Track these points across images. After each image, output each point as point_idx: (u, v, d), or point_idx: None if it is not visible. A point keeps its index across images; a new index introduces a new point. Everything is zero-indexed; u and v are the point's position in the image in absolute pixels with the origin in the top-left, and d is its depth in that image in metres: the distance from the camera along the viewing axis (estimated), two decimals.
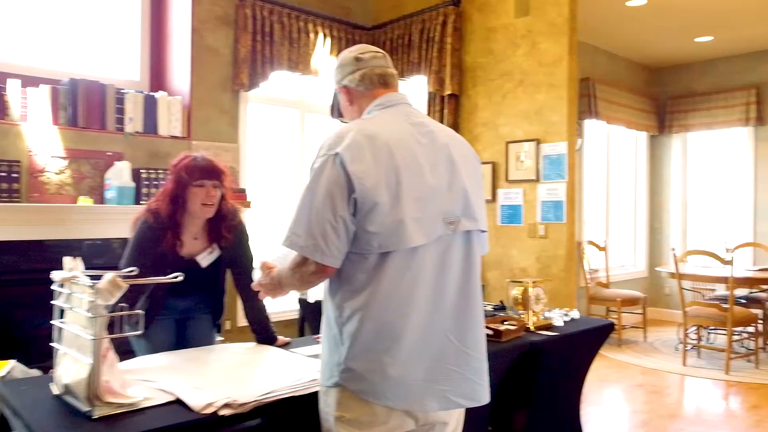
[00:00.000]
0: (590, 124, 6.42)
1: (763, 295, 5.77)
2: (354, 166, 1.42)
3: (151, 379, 1.81)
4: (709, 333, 5.83)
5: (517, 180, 4.65)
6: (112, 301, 1.58)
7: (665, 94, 7.30)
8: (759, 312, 5.51)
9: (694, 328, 5.58)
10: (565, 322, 2.89)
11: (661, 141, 7.39)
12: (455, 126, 5.07)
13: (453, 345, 1.51)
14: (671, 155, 7.34)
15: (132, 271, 1.80)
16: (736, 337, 5.51)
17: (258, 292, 2.48)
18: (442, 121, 5.07)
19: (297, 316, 4.58)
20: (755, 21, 5.66)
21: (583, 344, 2.88)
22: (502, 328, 2.48)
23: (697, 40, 6.23)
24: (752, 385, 4.63)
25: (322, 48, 5.13)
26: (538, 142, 4.52)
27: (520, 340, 2.51)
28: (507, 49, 4.73)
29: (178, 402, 1.65)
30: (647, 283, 7.31)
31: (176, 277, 1.80)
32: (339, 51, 5.32)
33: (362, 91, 1.65)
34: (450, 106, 5.06)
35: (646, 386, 4.66)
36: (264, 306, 2.46)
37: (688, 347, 5.29)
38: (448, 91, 4.99)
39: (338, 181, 1.43)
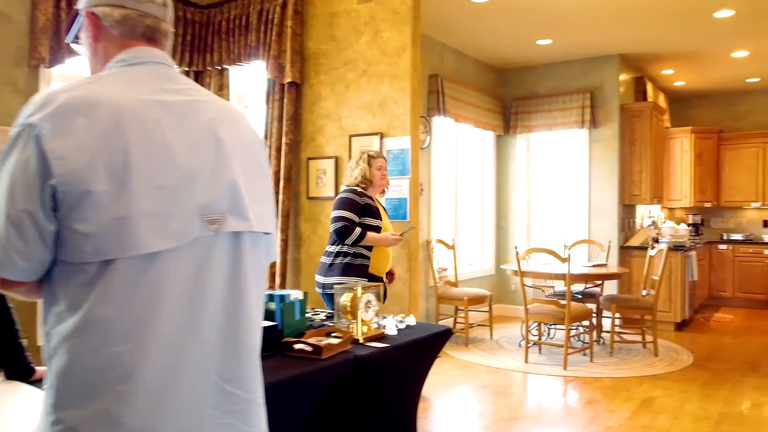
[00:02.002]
0: (439, 122, 6.35)
1: (597, 289, 6.03)
2: (55, 141, 1.00)
3: None
4: (549, 329, 5.99)
5: None
6: None
7: (510, 95, 7.47)
8: (593, 306, 5.73)
9: (536, 324, 5.69)
10: (399, 329, 2.63)
11: (507, 141, 7.56)
12: (296, 117, 4.70)
13: (214, 383, 1.13)
14: (516, 155, 7.53)
15: None
16: (573, 332, 5.69)
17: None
18: (282, 112, 4.68)
19: None
20: (589, 28, 5.89)
21: (419, 353, 2.64)
22: (323, 342, 2.15)
23: (538, 42, 6.38)
24: (587, 380, 4.74)
25: None
26: (382, 135, 4.28)
27: (345, 355, 2.19)
28: (350, 37, 4.45)
29: None
30: (495, 281, 7.44)
31: None
32: None
33: (115, 35, 1.21)
34: (291, 95, 4.68)
35: (490, 387, 4.61)
36: (17, 330, 1.92)
37: (530, 344, 5.35)
38: (288, 79, 4.61)
39: (27, 162, 1.00)
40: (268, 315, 2.26)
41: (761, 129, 8.48)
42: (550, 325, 5.82)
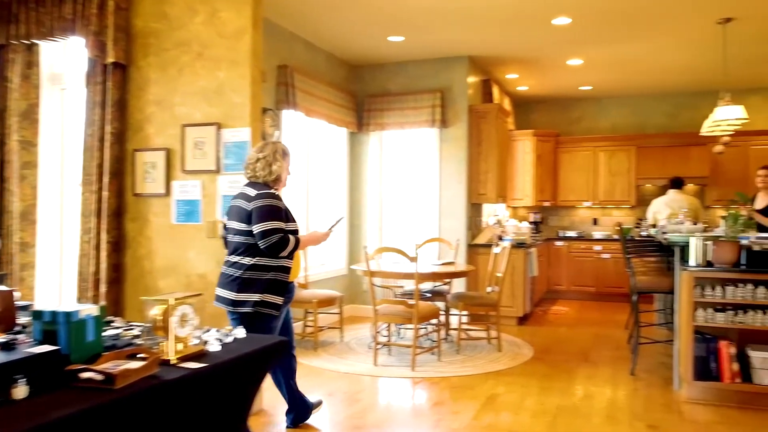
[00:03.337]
0: (289, 116, 6.04)
1: (446, 287, 6.07)
2: None
3: None
4: (399, 329, 5.93)
5: (195, 171, 3.97)
6: None
7: (363, 92, 7.35)
8: (442, 305, 5.75)
9: (386, 325, 5.59)
10: (224, 344, 2.31)
11: (360, 138, 7.43)
12: (122, 103, 4.16)
13: None
14: (369, 153, 7.43)
15: None
16: (422, 331, 5.67)
17: None
18: (105, 96, 4.12)
19: None
20: (439, 27, 5.90)
21: (247, 369, 2.34)
22: (119, 368, 1.77)
23: (390, 39, 6.30)
24: (435, 380, 4.71)
25: None
26: (219, 126, 3.90)
27: (149, 381, 1.84)
28: (184, 15, 4.02)
29: None
30: (348, 281, 7.28)
31: None
32: None
33: None
34: (115, 78, 4.13)
35: (338, 393, 4.40)
36: None
37: (379, 346, 5.24)
38: (111, 59, 4.07)
39: None
40: (50, 337, 1.84)
41: (592, 134, 9.17)
42: (400, 325, 5.76)
